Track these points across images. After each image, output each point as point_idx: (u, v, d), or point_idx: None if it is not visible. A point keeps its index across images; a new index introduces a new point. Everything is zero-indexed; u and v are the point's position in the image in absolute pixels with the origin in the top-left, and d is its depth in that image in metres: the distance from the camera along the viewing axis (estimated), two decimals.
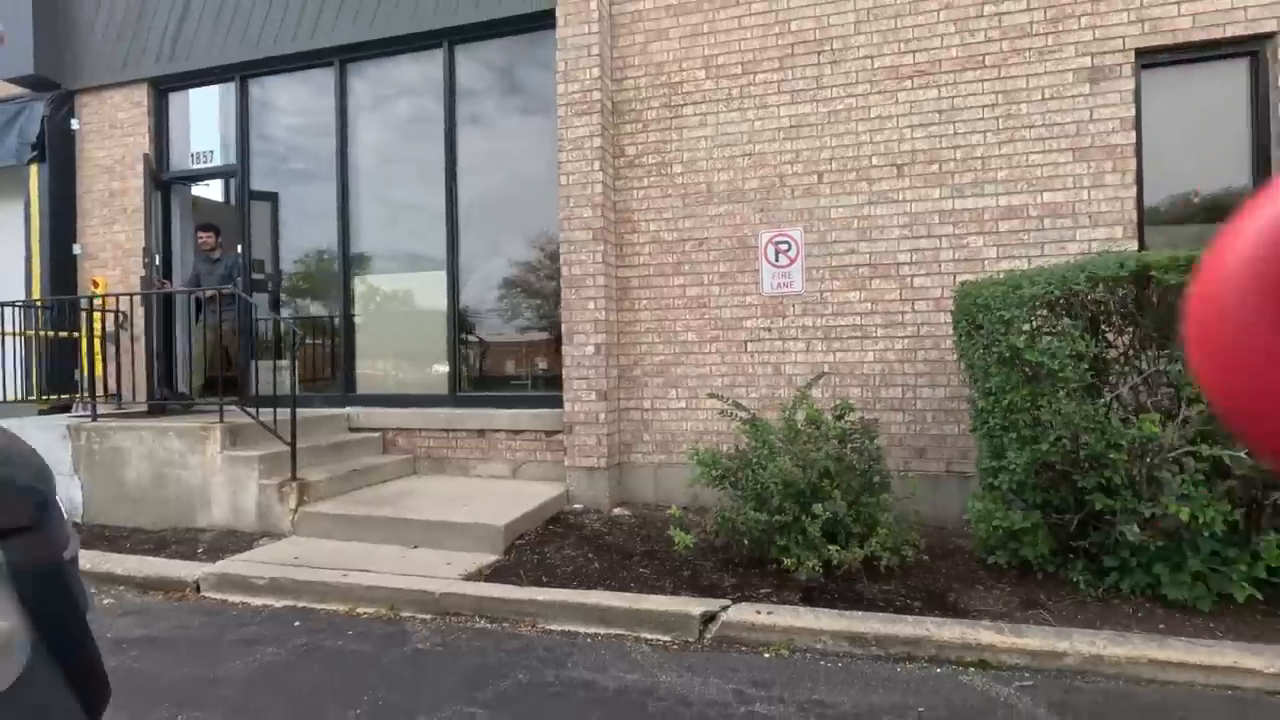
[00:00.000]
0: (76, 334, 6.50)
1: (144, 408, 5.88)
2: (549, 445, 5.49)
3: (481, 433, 5.65)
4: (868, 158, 4.87)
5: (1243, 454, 2.85)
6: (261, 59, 6.33)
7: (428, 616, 3.51)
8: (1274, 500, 2.88)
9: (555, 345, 5.72)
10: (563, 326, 5.25)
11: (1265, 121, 4.34)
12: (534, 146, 5.83)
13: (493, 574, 3.86)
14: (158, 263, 6.58)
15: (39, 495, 0.87)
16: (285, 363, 6.20)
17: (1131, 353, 3.14)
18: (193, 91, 6.80)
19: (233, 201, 6.86)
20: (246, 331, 6.22)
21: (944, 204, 4.73)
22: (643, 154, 5.35)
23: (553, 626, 3.36)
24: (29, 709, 0.79)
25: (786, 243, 5.02)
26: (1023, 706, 2.54)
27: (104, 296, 5.86)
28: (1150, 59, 4.47)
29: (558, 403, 5.44)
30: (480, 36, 5.84)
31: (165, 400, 6.22)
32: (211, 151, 6.79)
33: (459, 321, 5.96)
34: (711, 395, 4.48)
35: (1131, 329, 3.13)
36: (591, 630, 3.32)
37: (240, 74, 6.48)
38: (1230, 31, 4.28)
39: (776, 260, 5.05)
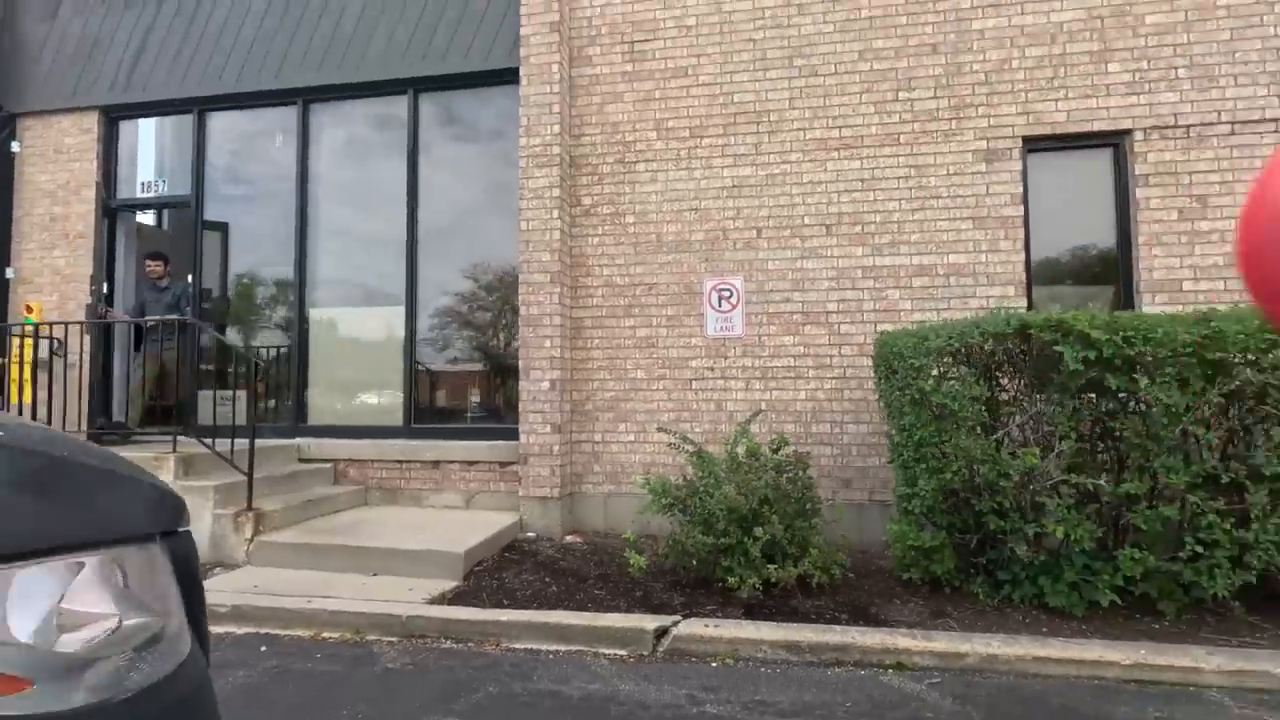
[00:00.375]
0: (3, 360, 6.31)
1: (81, 438, 5.76)
2: (502, 476, 5.72)
3: (436, 464, 5.83)
4: (800, 217, 5.45)
5: (1104, 482, 3.44)
6: (224, 95, 6.46)
7: (394, 639, 3.68)
8: (1129, 520, 3.47)
9: (509, 380, 6.00)
10: (520, 363, 5.55)
11: (1126, 199, 5.16)
12: (492, 191, 6.18)
13: (455, 598, 4.07)
14: (104, 290, 6.50)
15: (181, 501, 1.16)
16: (231, 392, 6.23)
17: (1018, 395, 3.72)
18: (146, 121, 6.82)
19: (186, 231, 6.85)
20: (199, 360, 6.21)
21: (866, 261, 5.34)
22: (598, 204, 5.77)
23: (516, 645, 3.60)
24: (200, 672, 1.05)
25: (729, 290, 5.52)
26: (932, 700, 2.97)
27: (51, 324, 5.76)
28: (1034, 145, 5.25)
29: (512, 435, 5.70)
30: (445, 87, 6.18)
31: (102, 430, 6.10)
32: (162, 181, 6.80)
33: (414, 354, 6.16)
34: (661, 429, 4.86)
35: (1017, 376, 3.72)
36: (553, 647, 3.58)
37: (200, 107, 6.58)
38: (1097, 127, 5.11)
39: (719, 306, 5.53)
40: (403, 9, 6.16)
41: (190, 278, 6.55)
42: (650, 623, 3.60)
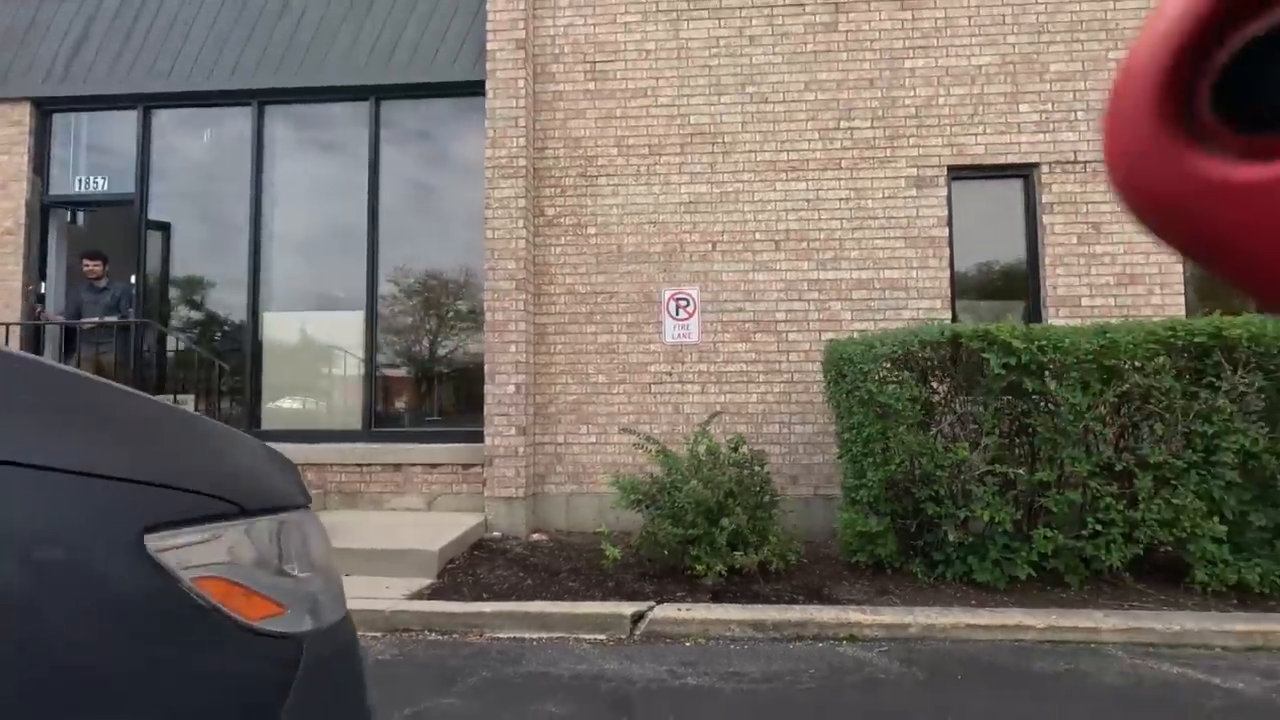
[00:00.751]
0: None
1: None
2: (465, 478, 5.85)
3: (397, 467, 5.89)
4: (752, 233, 5.86)
5: (1022, 472, 3.97)
6: (173, 92, 6.32)
7: (378, 633, 3.80)
8: (1042, 504, 4.01)
9: (472, 383, 6.14)
10: (486, 367, 5.71)
11: (1034, 224, 5.83)
12: (455, 199, 6.31)
13: (433, 594, 4.21)
14: (42, 290, 6.22)
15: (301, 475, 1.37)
16: (178, 397, 6.09)
17: (949, 397, 4.22)
18: (85, 115, 6.57)
19: (128, 230, 6.63)
20: (145, 364, 6.04)
21: (811, 274, 5.80)
22: (561, 215, 6.01)
23: (500, 634, 3.79)
24: (350, 622, 1.26)
25: (686, 299, 5.87)
26: (882, 664, 3.37)
27: None
28: (958, 173, 5.86)
29: (474, 437, 5.84)
30: (408, 96, 6.28)
31: None
32: (102, 178, 6.57)
33: (375, 358, 6.20)
34: (625, 430, 5.15)
35: (949, 380, 4.22)
36: (536, 635, 3.80)
37: (145, 104, 6.40)
38: (1010, 160, 5.76)
39: (677, 314, 5.87)
40: (365, 16, 6.23)
41: (133, 278, 6.35)
42: (627, 608, 3.87)
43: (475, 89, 6.05)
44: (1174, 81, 0.31)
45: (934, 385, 4.30)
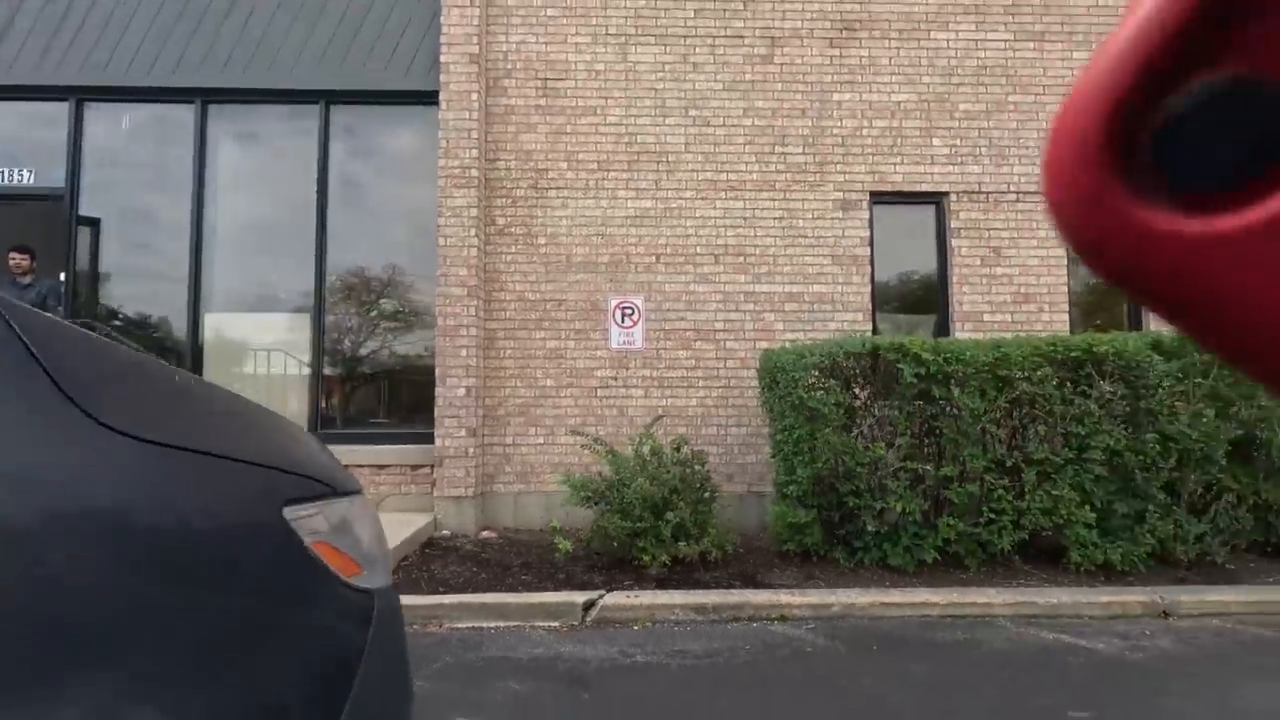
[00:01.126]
0: None
1: None
2: (414, 478, 5.99)
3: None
4: (694, 247, 6.27)
5: (929, 468, 4.50)
6: (110, 86, 6.18)
7: None
8: (946, 496, 4.56)
9: (419, 386, 6.27)
10: (437, 370, 5.87)
11: (945, 246, 6.47)
12: (405, 205, 6.44)
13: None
14: None
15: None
16: None
17: (868, 401, 4.72)
18: (11, 105, 6.32)
19: (57, 226, 6.41)
20: None
21: (747, 287, 6.25)
22: (511, 225, 6.24)
23: (459, 624, 4.02)
24: (397, 593, 1.53)
25: (631, 308, 6.21)
26: (809, 640, 3.80)
27: None
28: (879, 198, 6.44)
29: (423, 439, 5.99)
30: (359, 102, 6.36)
31: None
32: (29, 171, 6.33)
33: (322, 361, 6.25)
34: (574, 432, 5.43)
35: (869, 386, 4.72)
36: (493, 624, 4.04)
37: (79, 97, 6.23)
38: (924, 188, 6.39)
39: (622, 322, 6.20)
40: (317, 19, 6.28)
41: (63, 275, 6.16)
42: (579, 597, 4.17)
43: (428, 99, 6.21)
44: (1115, 128, 0.29)
45: (856, 391, 4.79)
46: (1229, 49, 0.28)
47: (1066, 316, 6.33)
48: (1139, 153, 0.30)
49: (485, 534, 5.75)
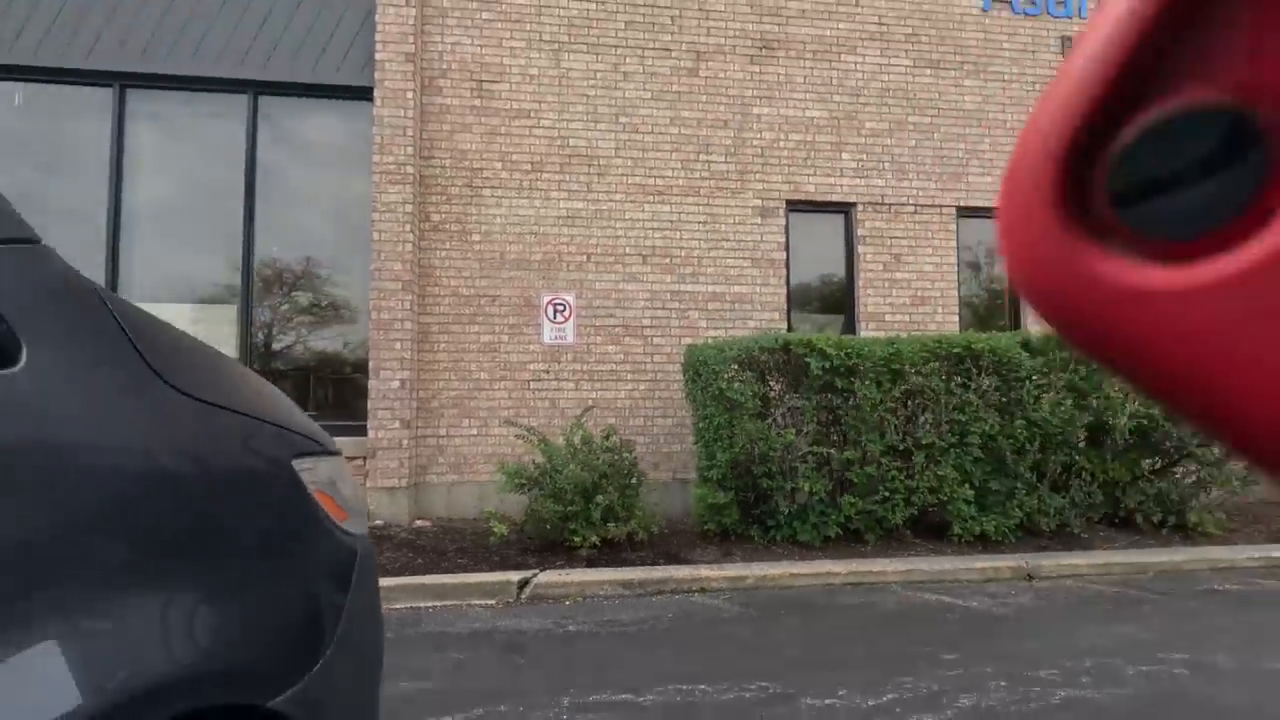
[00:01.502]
0: None
1: None
2: None
3: None
4: (623, 247, 6.59)
5: (834, 452, 5.00)
6: (16, 65, 5.92)
7: None
8: (848, 477, 5.07)
9: (350, 379, 6.33)
10: (370, 363, 5.96)
11: (852, 252, 7.06)
12: (336, 198, 6.47)
13: None
14: None
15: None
16: None
17: (781, 392, 5.19)
18: None
19: None
20: None
21: (673, 286, 6.64)
22: (446, 221, 6.39)
23: (398, 605, 4.19)
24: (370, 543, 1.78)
25: (563, 304, 6.47)
26: (726, 608, 4.20)
27: None
28: (795, 207, 6.96)
29: (355, 431, 6.05)
30: (290, 94, 6.34)
31: None
32: None
33: (250, 354, 6.21)
34: (508, 423, 5.66)
35: (782, 378, 5.19)
36: (431, 604, 4.24)
37: None
38: (834, 198, 6.95)
39: (555, 318, 6.46)
40: (245, 8, 6.21)
41: None
42: (514, 576, 4.42)
43: (361, 94, 6.27)
44: (1069, 170, 0.26)
45: (770, 383, 5.25)
46: (1187, 73, 0.25)
47: (957, 317, 7.04)
48: (1097, 197, 0.26)
49: (419, 523, 5.89)
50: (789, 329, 6.76)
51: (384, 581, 4.38)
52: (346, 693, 1.40)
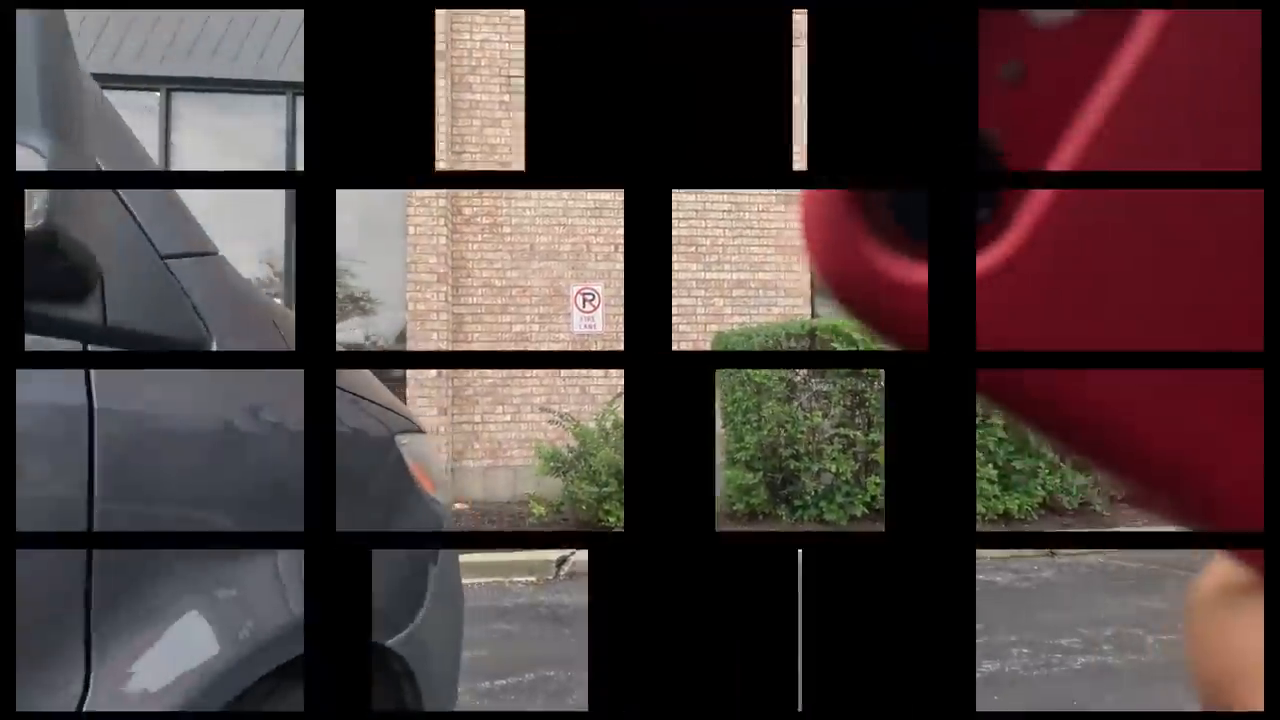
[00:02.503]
0: None
1: None
2: None
3: None
4: None
5: (859, 434, 5.15)
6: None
7: None
8: (873, 458, 5.22)
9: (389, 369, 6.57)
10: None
11: None
12: (368, 195, 6.68)
13: None
14: None
15: None
16: None
17: (807, 377, 5.33)
18: None
19: None
20: None
21: (699, 275, 6.78)
22: (478, 215, 6.58)
23: None
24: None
25: (591, 294, 6.65)
26: None
27: None
28: None
29: None
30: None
31: None
32: None
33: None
34: (543, 410, 5.87)
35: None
36: (474, 580, 4.45)
37: None
38: None
39: (584, 307, 6.64)
40: (280, 16, 6.42)
41: None
42: (553, 554, 4.64)
43: None
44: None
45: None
46: None
47: None
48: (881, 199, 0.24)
49: (458, 506, 6.13)
50: (812, 315, 6.87)
51: None
52: (441, 641, 1.61)
